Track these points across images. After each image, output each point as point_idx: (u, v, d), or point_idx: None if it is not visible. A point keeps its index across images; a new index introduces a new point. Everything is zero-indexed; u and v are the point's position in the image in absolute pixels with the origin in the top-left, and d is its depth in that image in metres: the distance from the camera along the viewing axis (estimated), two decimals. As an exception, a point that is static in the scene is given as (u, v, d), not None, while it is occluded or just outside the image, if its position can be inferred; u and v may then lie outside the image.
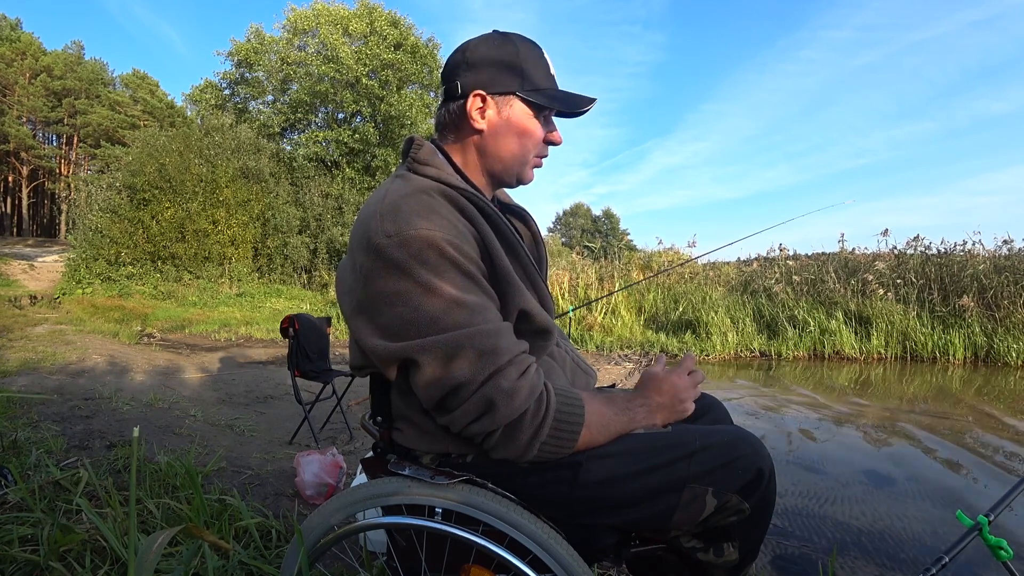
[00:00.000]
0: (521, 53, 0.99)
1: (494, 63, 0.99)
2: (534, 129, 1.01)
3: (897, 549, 2.15)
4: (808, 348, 7.36)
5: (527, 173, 1.05)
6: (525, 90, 0.99)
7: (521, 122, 1.00)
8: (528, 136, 1.01)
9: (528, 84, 0.99)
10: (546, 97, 1.00)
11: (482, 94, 0.99)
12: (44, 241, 33.20)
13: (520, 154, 1.02)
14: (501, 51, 0.99)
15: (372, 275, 0.86)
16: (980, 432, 3.81)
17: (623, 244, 13.25)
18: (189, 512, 1.70)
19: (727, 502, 0.90)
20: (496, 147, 1.01)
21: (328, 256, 15.42)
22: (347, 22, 17.23)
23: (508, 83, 0.99)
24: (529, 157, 1.03)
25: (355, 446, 3.29)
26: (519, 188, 1.10)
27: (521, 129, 1.00)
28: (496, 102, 0.99)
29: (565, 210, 56.35)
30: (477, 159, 1.03)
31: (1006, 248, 8.17)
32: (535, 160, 1.05)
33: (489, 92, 0.99)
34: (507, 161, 1.02)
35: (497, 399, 0.82)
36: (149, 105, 39.31)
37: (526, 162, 1.03)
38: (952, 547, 1.02)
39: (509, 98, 0.99)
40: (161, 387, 4.42)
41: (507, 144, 1.01)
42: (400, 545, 0.97)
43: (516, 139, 1.01)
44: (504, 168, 1.03)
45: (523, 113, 1.00)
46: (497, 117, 1.00)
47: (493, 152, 1.01)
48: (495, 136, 1.00)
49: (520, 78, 0.98)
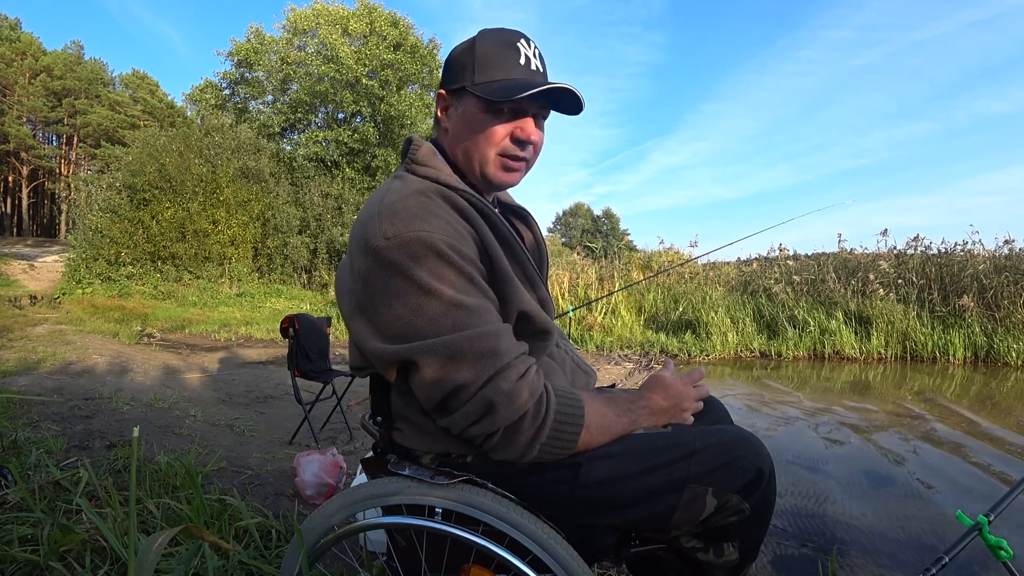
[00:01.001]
0: (478, 46, 0.94)
1: (453, 60, 0.98)
2: (486, 124, 0.94)
3: (897, 549, 2.15)
4: (808, 348, 7.36)
5: (492, 173, 0.97)
6: (474, 83, 0.93)
7: (471, 118, 0.95)
8: (481, 132, 0.94)
9: (479, 77, 0.92)
10: (490, 89, 0.92)
11: (443, 93, 0.99)
12: (44, 241, 33.19)
13: (476, 152, 0.96)
14: (461, 47, 0.97)
15: (371, 277, 0.86)
16: (980, 432, 3.81)
17: (623, 244, 13.24)
18: (189, 512, 1.70)
19: (727, 502, 0.90)
20: (457, 145, 0.99)
21: (328, 256, 15.41)
22: (347, 22, 17.23)
23: (460, 78, 0.95)
24: (488, 155, 0.95)
25: (355, 446, 3.29)
26: (519, 187, 1.08)
27: (472, 124, 0.95)
28: (452, 99, 0.98)
29: (565, 210, 56.33)
30: (452, 158, 1.01)
31: (1006, 248, 8.17)
32: (501, 160, 0.96)
33: (447, 90, 0.98)
34: (464, 159, 0.98)
35: (497, 401, 0.82)
36: (149, 105, 39.30)
37: (485, 160, 0.96)
38: (952, 547, 1.02)
39: (461, 94, 0.96)
40: (161, 387, 4.42)
41: (463, 142, 0.97)
42: (400, 545, 0.97)
43: (470, 136, 0.96)
44: (466, 166, 0.98)
45: (474, 108, 0.94)
46: (455, 114, 0.98)
47: (457, 150, 0.99)
48: (455, 134, 0.99)
49: (472, 72, 0.93)
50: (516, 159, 0.97)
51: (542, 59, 0.99)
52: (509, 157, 0.96)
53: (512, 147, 0.96)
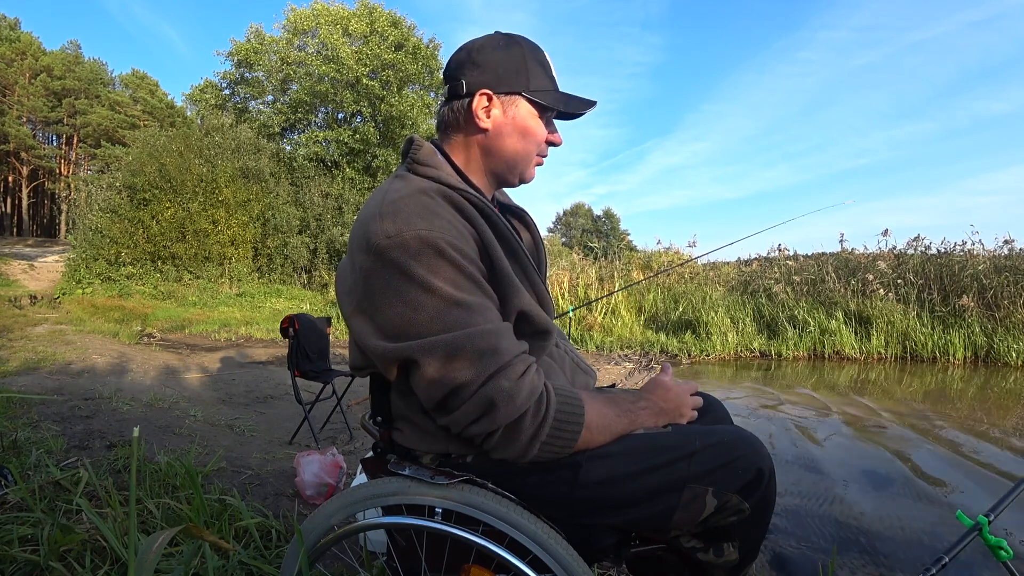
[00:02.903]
0: (527, 54, 1.01)
1: (501, 63, 1.00)
2: (538, 129, 1.03)
3: (897, 549, 2.15)
4: (808, 348, 7.36)
5: (529, 172, 1.06)
6: (531, 91, 1.00)
7: (526, 122, 1.01)
8: (532, 136, 1.03)
9: (533, 85, 1.00)
10: (551, 98, 1.01)
11: (488, 93, 0.99)
12: (44, 241, 33.19)
13: (524, 154, 1.03)
14: (508, 52, 1.00)
15: (372, 276, 0.86)
16: (980, 432, 3.81)
17: (623, 244, 13.25)
18: (189, 512, 1.70)
19: (727, 502, 0.90)
20: (501, 146, 1.02)
21: (328, 256, 15.42)
22: (347, 22, 17.23)
23: (514, 83, 1.00)
24: (532, 157, 1.05)
25: (355, 446, 3.29)
26: (519, 188, 1.10)
27: (526, 129, 1.02)
28: (502, 102, 1.00)
29: (565, 210, 56.39)
30: (480, 158, 1.03)
31: (1006, 248, 8.17)
32: (537, 159, 1.06)
33: (496, 92, 0.99)
34: (511, 160, 1.03)
35: (497, 400, 0.82)
36: (149, 105, 39.32)
37: (530, 162, 1.05)
38: (952, 547, 1.02)
39: (515, 98, 1.00)
40: (161, 387, 4.42)
41: (512, 144, 1.02)
42: (400, 545, 0.97)
43: (521, 139, 1.02)
44: (508, 167, 1.04)
45: (528, 113, 1.01)
46: (503, 117, 1.01)
47: (498, 151, 1.02)
48: (500, 136, 1.01)
49: (526, 79, 1.00)
50: (541, 159, 1.07)
51: None
52: (541, 157, 1.07)
53: (545, 149, 1.07)
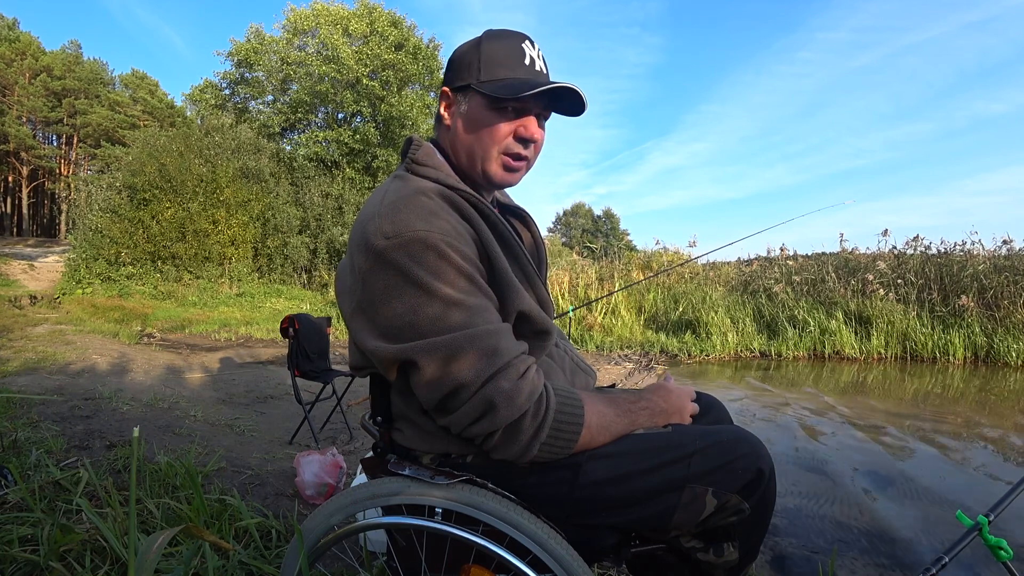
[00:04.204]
0: (484, 45, 0.96)
1: (458, 58, 0.99)
2: (490, 122, 0.95)
3: (897, 549, 2.15)
4: (808, 348, 7.36)
5: (494, 171, 0.98)
6: (480, 82, 0.94)
7: (476, 115, 0.96)
8: (484, 130, 0.96)
9: (485, 75, 0.94)
10: (497, 86, 0.93)
11: (446, 90, 0.99)
12: (44, 241, 33.17)
13: (479, 149, 0.97)
14: (467, 45, 0.99)
15: (371, 276, 0.86)
16: (980, 432, 3.81)
17: (623, 244, 13.24)
18: (189, 512, 1.70)
19: (727, 502, 0.90)
20: (459, 143, 1.00)
21: (328, 256, 15.42)
22: (347, 22, 17.23)
23: (464, 76, 0.96)
24: (491, 153, 0.97)
25: (355, 446, 3.29)
26: (519, 188, 1.09)
27: (475, 122, 0.96)
28: (456, 97, 0.99)
29: (566, 210, 56.33)
30: (453, 157, 1.02)
31: (1006, 248, 8.17)
32: (502, 159, 0.97)
33: (452, 88, 0.99)
34: (466, 157, 0.99)
35: (498, 400, 0.82)
36: (149, 105, 39.31)
37: (488, 158, 0.97)
38: (952, 547, 1.02)
39: (466, 92, 0.97)
40: (161, 387, 4.42)
41: (466, 139, 0.98)
42: (400, 545, 0.97)
43: (473, 134, 0.97)
44: (469, 164, 0.99)
45: (479, 105, 0.96)
46: (458, 113, 0.99)
47: (459, 148, 1.00)
48: (457, 132, 1.00)
49: (478, 70, 0.95)
50: (518, 158, 0.98)
51: (545, 61, 1.01)
52: (511, 156, 0.98)
53: (515, 145, 0.97)
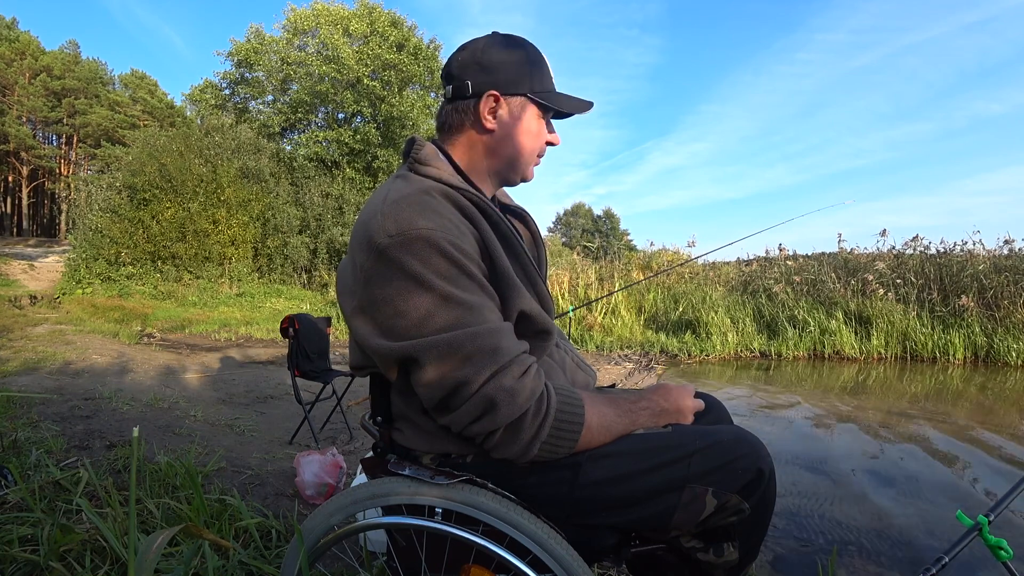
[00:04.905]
0: (530, 56, 1.03)
1: (507, 65, 1.01)
2: (541, 130, 1.05)
3: (897, 549, 2.15)
4: (808, 348, 7.36)
5: (530, 172, 1.09)
6: (535, 92, 1.02)
7: (530, 123, 1.03)
8: (535, 136, 1.05)
9: (537, 86, 1.02)
10: (554, 99, 1.04)
11: (495, 95, 1.00)
12: (45, 241, 33.18)
13: (527, 154, 1.05)
14: (512, 54, 1.02)
15: (373, 275, 0.86)
16: (980, 432, 3.81)
17: (623, 244, 13.25)
18: (189, 512, 1.70)
19: (727, 502, 0.90)
20: (505, 147, 1.03)
21: (328, 256, 15.42)
22: (347, 22, 17.23)
23: (520, 85, 1.01)
24: (533, 156, 1.07)
25: (355, 446, 3.29)
26: (519, 187, 1.12)
27: (530, 129, 1.04)
28: (508, 103, 1.01)
29: (566, 210, 56.34)
30: (484, 159, 1.04)
31: (1006, 248, 8.17)
32: (535, 160, 1.08)
33: (503, 93, 1.01)
34: (515, 161, 1.05)
35: (499, 399, 0.82)
36: (149, 105, 39.33)
37: (530, 161, 1.07)
38: (952, 547, 1.02)
39: (520, 99, 1.02)
40: (161, 387, 4.42)
41: (516, 144, 1.03)
42: (400, 545, 0.97)
43: (525, 139, 1.04)
44: (511, 167, 1.06)
45: (533, 114, 1.03)
46: (508, 117, 1.02)
47: (502, 152, 1.04)
48: (506, 136, 1.02)
49: (530, 80, 1.02)
50: (539, 159, 1.10)
51: None
52: (539, 157, 1.10)
53: (544, 149, 1.09)
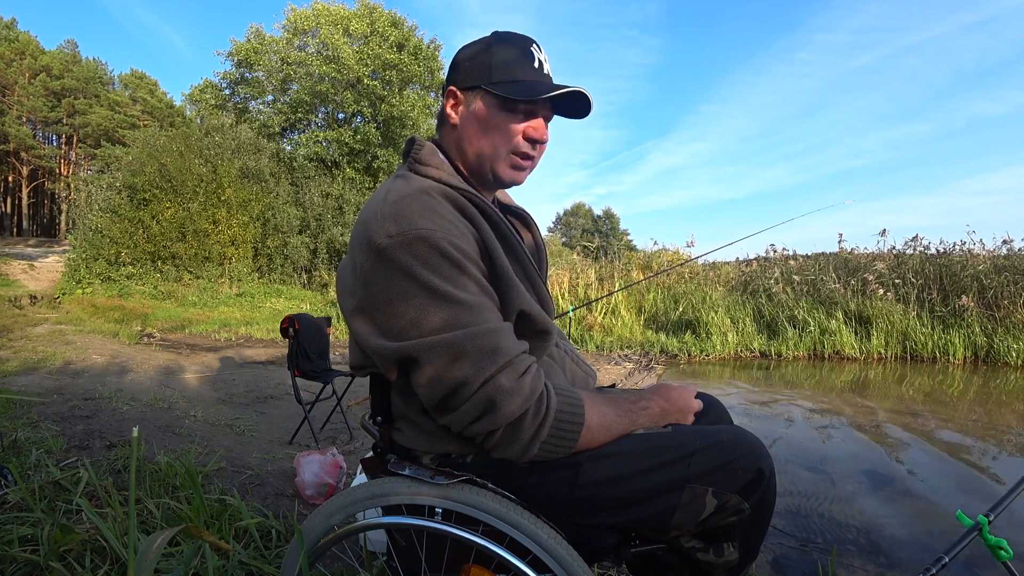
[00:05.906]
0: (493, 47, 0.97)
1: (466, 59, 1.00)
2: (501, 123, 0.97)
3: (897, 549, 2.15)
4: (808, 348, 7.36)
5: (502, 171, 1.00)
6: (491, 83, 0.96)
7: (485, 115, 0.97)
8: (494, 130, 0.97)
9: (496, 77, 0.96)
10: (510, 88, 0.95)
11: (454, 90, 1.00)
12: (45, 241, 33.17)
13: (488, 149, 0.98)
14: (475, 47, 1.00)
15: (373, 275, 0.86)
16: (980, 432, 3.81)
17: (623, 244, 13.26)
18: (189, 512, 1.70)
19: (727, 502, 0.90)
20: (466, 142, 1.00)
21: (328, 256, 15.42)
22: (347, 22, 17.22)
23: (475, 77, 0.97)
24: (500, 152, 0.98)
25: (355, 446, 3.29)
26: (517, 189, 1.10)
27: (485, 122, 0.97)
28: (465, 97, 0.99)
29: (566, 210, 56.32)
30: (457, 156, 1.03)
31: (1006, 248, 8.16)
32: (511, 158, 0.99)
33: (459, 88, 0.99)
34: (475, 156, 1.00)
35: (498, 399, 0.82)
36: (149, 105, 39.31)
37: (496, 157, 0.99)
38: (952, 547, 1.02)
39: (476, 92, 0.98)
40: (161, 387, 4.42)
41: (474, 139, 0.99)
42: (400, 545, 0.97)
43: (482, 133, 0.98)
44: (477, 164, 1.00)
45: (489, 106, 0.97)
46: (466, 112, 0.99)
47: (465, 148, 1.01)
48: (464, 131, 1.00)
49: (488, 71, 0.96)
50: (525, 157, 1.00)
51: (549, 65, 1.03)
52: (519, 155, 0.99)
53: (524, 145, 0.99)
